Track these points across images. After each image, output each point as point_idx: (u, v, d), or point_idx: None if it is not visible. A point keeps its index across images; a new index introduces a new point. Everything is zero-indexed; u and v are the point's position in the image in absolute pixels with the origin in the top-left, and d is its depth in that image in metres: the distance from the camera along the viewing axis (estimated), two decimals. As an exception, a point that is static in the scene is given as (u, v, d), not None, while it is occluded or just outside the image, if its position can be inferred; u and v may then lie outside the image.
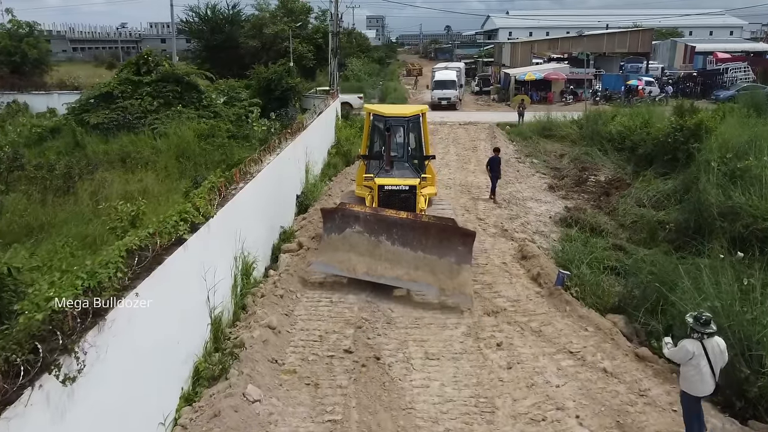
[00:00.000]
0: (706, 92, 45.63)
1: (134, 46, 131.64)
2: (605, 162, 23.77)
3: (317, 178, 19.16)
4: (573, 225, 16.04)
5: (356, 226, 11.62)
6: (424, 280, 10.93)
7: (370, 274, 11.14)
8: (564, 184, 21.13)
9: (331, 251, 11.56)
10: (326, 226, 12.02)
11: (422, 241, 11.28)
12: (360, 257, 11.33)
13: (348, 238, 11.58)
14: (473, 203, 17.54)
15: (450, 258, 11.07)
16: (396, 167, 13.38)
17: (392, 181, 12.85)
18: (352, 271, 11.22)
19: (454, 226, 11.53)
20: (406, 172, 13.42)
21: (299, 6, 54.15)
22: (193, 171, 18.70)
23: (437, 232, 11.28)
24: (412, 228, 11.40)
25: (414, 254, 11.21)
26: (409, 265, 11.08)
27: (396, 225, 11.47)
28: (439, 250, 11.14)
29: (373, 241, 11.46)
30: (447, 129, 31.68)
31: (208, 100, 23.40)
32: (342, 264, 11.33)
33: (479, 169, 22.22)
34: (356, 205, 12.30)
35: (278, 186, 13.78)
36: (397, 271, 11.07)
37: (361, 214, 11.73)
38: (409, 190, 12.72)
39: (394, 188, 12.72)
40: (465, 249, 11.21)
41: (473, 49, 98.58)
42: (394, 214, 11.60)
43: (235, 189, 10.36)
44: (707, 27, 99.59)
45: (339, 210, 12.01)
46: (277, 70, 28.67)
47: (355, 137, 25.59)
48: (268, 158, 13.06)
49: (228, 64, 51.37)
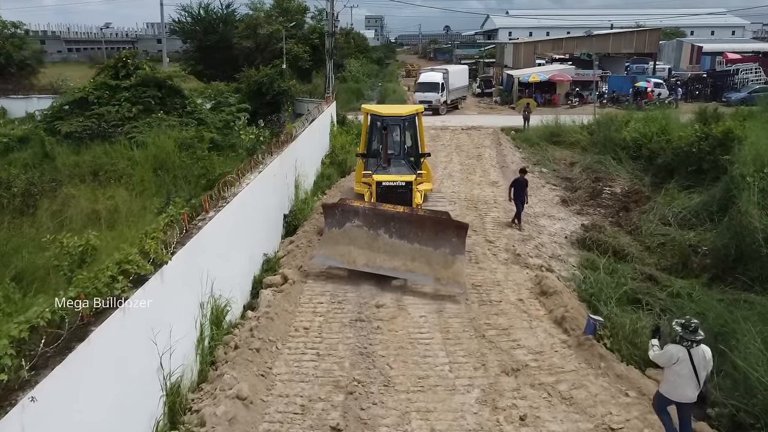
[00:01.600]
0: (717, 94, 43.97)
1: (131, 46, 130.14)
2: (620, 171, 22.07)
3: (309, 192, 17.46)
4: (593, 247, 14.38)
5: (356, 221, 12.07)
6: (420, 270, 11.36)
7: (370, 266, 11.53)
8: (578, 197, 19.43)
9: (332, 245, 11.96)
10: (327, 221, 12.42)
11: (418, 233, 11.74)
12: (360, 250, 11.75)
13: (348, 232, 12.01)
14: (480, 221, 15.83)
15: (444, 249, 11.51)
16: (393, 164, 14.47)
17: (389, 177, 13.84)
18: (353, 263, 11.60)
19: (448, 219, 12.00)
20: (402, 168, 14.50)
21: (295, 5, 52.42)
22: (172, 185, 17.01)
23: (432, 224, 11.75)
24: (409, 221, 11.87)
25: (411, 246, 11.67)
26: (406, 257, 11.54)
27: (393, 219, 11.93)
28: (434, 242, 11.59)
29: (371, 234, 11.91)
30: (449, 135, 29.99)
31: (192, 106, 21.66)
32: (343, 257, 11.74)
33: (485, 180, 20.52)
34: (356, 201, 13.13)
35: (261, 207, 12.10)
36: (395, 262, 11.52)
37: (360, 209, 12.23)
38: (406, 185, 13.68)
39: (391, 184, 13.65)
40: (459, 240, 11.63)
41: (473, 49, 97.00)
42: (392, 209, 12.11)
43: (204, 220, 8.67)
44: (709, 27, 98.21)
45: (339, 205, 12.54)
46: (268, 72, 26.92)
47: (351, 145, 23.91)
48: (249, 177, 11.35)
49: (221, 66, 49.69)
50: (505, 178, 20.78)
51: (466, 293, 10.83)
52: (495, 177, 20.87)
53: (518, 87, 43.64)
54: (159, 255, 6.69)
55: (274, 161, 13.24)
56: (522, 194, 15.28)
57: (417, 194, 14.17)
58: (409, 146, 15.74)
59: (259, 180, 11.74)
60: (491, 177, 20.86)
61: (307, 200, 16.13)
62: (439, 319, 9.85)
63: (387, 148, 14.44)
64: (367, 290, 11.00)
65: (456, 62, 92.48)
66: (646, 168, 21.43)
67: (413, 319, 9.87)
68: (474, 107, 45.06)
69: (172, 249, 7.22)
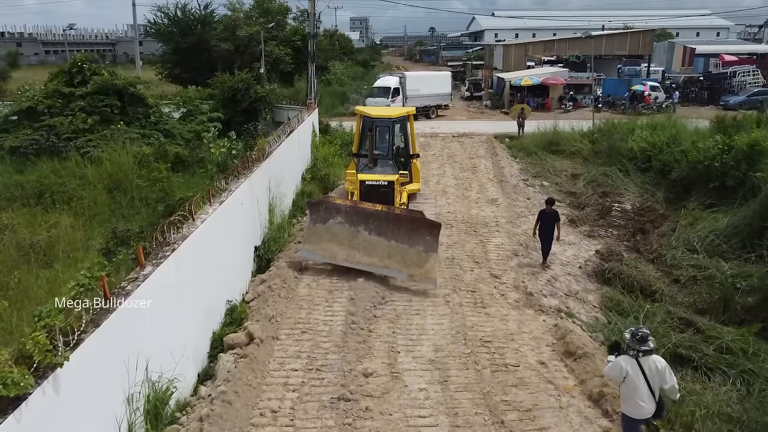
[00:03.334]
0: (713, 97, 42.55)
1: (110, 48, 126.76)
2: (628, 185, 20.26)
3: (285, 215, 15.37)
4: (614, 281, 12.46)
5: (338, 217, 12.51)
6: (395, 266, 11.83)
7: (349, 261, 12.05)
8: (586, 216, 17.54)
9: (316, 240, 12.49)
10: (312, 217, 12.87)
11: (395, 231, 12.16)
12: (340, 246, 12.27)
13: (330, 228, 12.48)
14: (482, 249, 13.83)
15: (419, 247, 11.91)
16: (379, 164, 15.05)
17: (373, 176, 14.42)
18: (333, 258, 12.18)
19: (422, 217, 12.41)
20: (387, 168, 15.02)
21: (276, 6, 50.16)
22: (128, 210, 14.81)
23: (407, 222, 12.19)
24: (386, 219, 12.31)
25: (387, 243, 12.10)
26: (383, 253, 12.02)
27: (372, 216, 12.39)
28: (409, 240, 12.00)
29: (352, 230, 12.36)
30: (440, 143, 28.02)
31: (157, 116, 19.42)
32: (325, 251, 12.28)
33: (483, 196, 18.54)
34: (338, 198, 13.72)
35: (225, 244, 9.99)
36: (372, 258, 11.98)
37: (342, 206, 12.69)
38: (388, 185, 14.24)
39: (374, 183, 14.23)
40: (432, 239, 12.02)
41: (459, 51, 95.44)
42: (371, 207, 12.62)
43: (136, 280, 6.57)
44: (694, 28, 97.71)
45: (323, 202, 13.09)
46: (244, 77, 24.69)
47: (335, 156, 21.83)
48: (207, 211, 9.24)
49: (200, 69, 47.21)
50: (504, 193, 18.84)
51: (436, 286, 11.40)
52: (494, 193, 18.90)
53: (509, 90, 41.83)
54: (46, 358, 4.58)
55: (241, 186, 11.14)
56: (550, 230, 12.94)
57: (401, 193, 14.88)
58: (399, 147, 16.32)
59: (221, 212, 9.65)
60: (489, 193, 18.89)
61: (283, 226, 14.04)
62: (444, 394, 7.80)
63: (373, 148, 15.12)
64: (352, 349, 8.93)
65: (442, 64, 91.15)
66: (657, 182, 19.63)
67: (411, 395, 7.81)
68: (464, 111, 43.18)
69: (76, 337, 5.11)
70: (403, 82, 36.80)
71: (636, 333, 6.36)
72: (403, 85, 36.61)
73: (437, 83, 39.81)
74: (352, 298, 10.74)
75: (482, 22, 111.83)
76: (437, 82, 40.02)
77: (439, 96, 39.40)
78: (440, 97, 39.57)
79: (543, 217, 12.98)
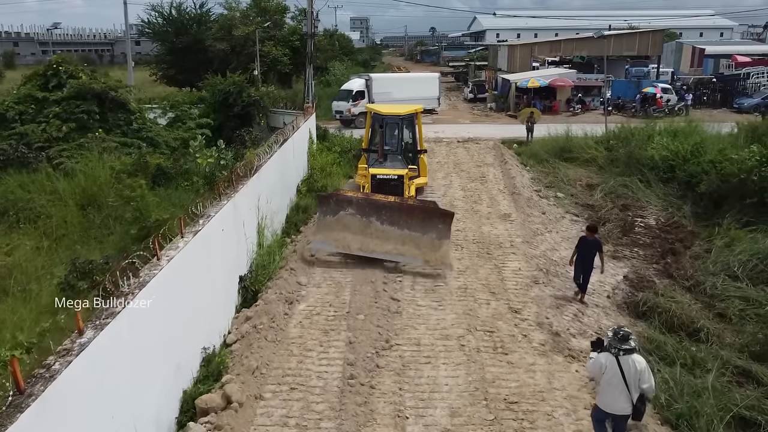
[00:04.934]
0: (726, 100, 40.98)
1: (109, 48, 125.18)
2: (650, 197, 18.72)
3: (277, 235, 13.85)
4: (650, 315, 10.92)
5: (349, 209, 12.80)
6: (410, 253, 12.23)
7: (363, 250, 12.36)
8: (608, 232, 15.99)
9: (326, 231, 12.75)
10: (321, 209, 13.14)
11: (407, 220, 12.55)
12: (353, 236, 12.56)
13: (341, 220, 12.75)
14: (498, 276, 12.28)
15: (432, 234, 12.35)
16: (389, 159, 15.84)
17: (383, 171, 15.22)
18: (347, 248, 12.46)
19: (435, 207, 12.98)
20: (397, 163, 15.80)
21: (273, 5, 48.62)
22: (102, 230, 13.28)
23: (420, 212, 12.63)
24: (399, 209, 12.71)
25: (401, 232, 12.47)
26: (397, 241, 12.36)
27: (384, 207, 12.74)
28: (422, 228, 12.40)
29: (364, 221, 12.66)
30: (444, 149, 26.46)
31: (140, 122, 17.86)
32: (338, 242, 12.54)
33: (494, 211, 16.99)
34: (350, 191, 14.12)
35: (199, 282, 8.46)
36: (387, 246, 12.36)
37: (354, 198, 13.00)
38: (398, 179, 14.97)
39: (385, 177, 14.99)
40: (444, 227, 12.47)
41: (461, 51, 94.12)
42: (383, 198, 13.07)
43: (67, 354, 5.04)
44: (697, 28, 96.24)
45: (333, 195, 13.32)
46: (236, 80, 23.11)
47: (334, 165, 20.29)
48: (176, 246, 7.71)
49: (195, 70, 45.74)
50: (517, 207, 17.30)
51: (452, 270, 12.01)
52: (506, 207, 17.35)
53: (515, 92, 40.28)
54: None
55: (223, 210, 9.61)
56: (591, 260, 11.26)
57: (410, 187, 15.37)
58: (407, 143, 17.01)
59: (196, 243, 8.13)
60: (501, 207, 17.34)
61: (274, 249, 12.49)
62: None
63: (383, 144, 15.87)
64: (351, 414, 7.39)
65: (444, 64, 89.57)
66: (682, 194, 18.08)
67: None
68: (467, 114, 41.64)
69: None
70: (369, 85, 34.35)
71: (618, 332, 6.49)
72: (369, 88, 34.16)
73: (420, 86, 37.08)
74: (350, 341, 9.21)
75: (484, 22, 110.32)
76: (420, 85, 37.38)
77: (423, 100, 35.57)
78: (425, 101, 36.08)
79: (583, 245, 11.38)
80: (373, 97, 33.27)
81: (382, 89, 34.37)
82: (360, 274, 12.08)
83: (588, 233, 11.55)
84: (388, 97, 33.15)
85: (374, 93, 33.80)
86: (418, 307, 10.66)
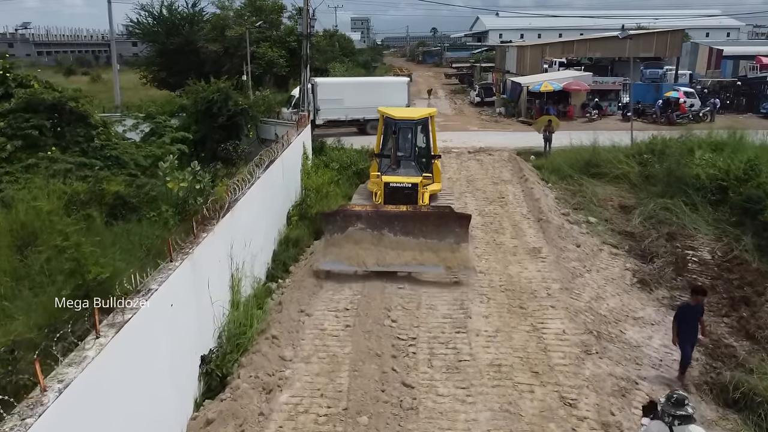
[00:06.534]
0: (752, 104, 38.31)
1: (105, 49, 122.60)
2: (697, 223, 16.11)
3: (260, 282, 11.22)
4: (743, 404, 8.28)
5: (358, 224, 12.41)
6: (430, 261, 11.93)
7: (380, 264, 11.92)
8: (657, 270, 13.39)
9: (337, 249, 12.16)
10: (327, 228, 12.66)
11: (422, 228, 12.31)
12: (367, 251, 12.05)
13: (351, 235, 12.29)
14: (538, 344, 9.59)
15: (449, 239, 12.19)
16: (402, 165, 15.09)
17: (397, 178, 14.54)
18: (362, 264, 11.94)
19: (450, 211, 12.78)
20: (410, 170, 15.05)
21: (269, 4, 45.95)
22: (43, 277, 10.61)
23: (435, 218, 12.46)
24: (413, 218, 12.48)
25: (417, 241, 12.19)
26: (414, 251, 12.05)
27: (397, 218, 12.50)
28: (438, 235, 12.24)
29: (376, 234, 12.31)
30: (455, 162, 23.81)
31: (103, 138, 15.23)
32: (351, 259, 11.99)
33: (521, 243, 14.33)
34: (357, 205, 13.84)
35: (128, 394, 5.83)
36: (405, 257, 12.01)
37: (362, 213, 12.68)
38: (412, 187, 14.36)
39: (398, 185, 14.36)
40: (462, 230, 12.42)
41: (464, 51, 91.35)
42: (394, 208, 12.80)
43: None
44: (704, 28, 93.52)
45: (339, 212, 12.89)
46: (221, 86, 20.43)
47: (330, 185, 17.63)
48: (81, 356, 5.09)
49: (187, 72, 42.92)
50: (547, 238, 14.63)
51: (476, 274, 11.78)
52: (534, 238, 14.70)
53: (527, 97, 37.61)
54: None
55: (174, 277, 7.00)
56: (695, 329, 8.81)
57: (424, 195, 14.65)
58: (421, 148, 16.15)
59: (118, 343, 5.51)
60: (528, 238, 14.68)
61: (251, 308, 9.83)
62: None
63: (396, 150, 15.11)
64: None
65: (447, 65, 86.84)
66: (739, 221, 15.45)
67: None
68: (475, 119, 39.01)
69: None
70: (315, 91, 28.97)
71: (671, 395, 5.58)
72: (314, 94, 28.95)
73: (383, 93, 30.74)
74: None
75: (486, 22, 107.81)
76: (383, 92, 31.00)
77: None
78: None
79: (685, 312, 8.74)
80: (318, 105, 28.93)
81: (330, 96, 28.86)
82: (362, 340, 9.46)
83: (693, 297, 8.84)
84: (338, 105, 28.81)
85: (319, 100, 28.95)
86: (439, 397, 8.02)
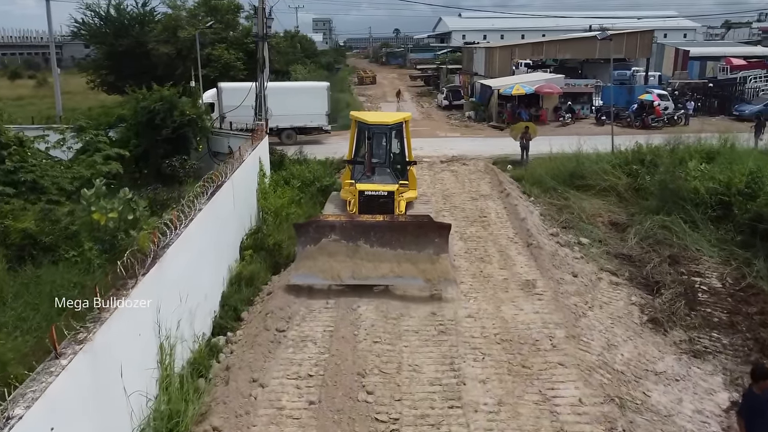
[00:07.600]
0: (724, 107, 37.70)
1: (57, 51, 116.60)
2: (700, 243, 14.59)
3: (204, 340, 9.04)
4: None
5: (332, 235, 11.83)
6: (408, 273, 11.37)
7: (356, 277, 11.36)
8: (670, 307, 11.68)
9: (310, 262, 11.61)
10: (300, 240, 12.04)
11: (400, 239, 11.73)
12: (342, 264, 11.51)
13: (325, 247, 11.73)
14: (553, 423, 7.67)
15: (428, 250, 11.61)
16: (377, 173, 14.69)
17: (372, 186, 14.02)
18: (336, 278, 11.38)
19: (430, 221, 12.19)
20: (386, 177, 14.63)
21: (225, 4, 43.33)
22: None
23: (413, 228, 11.89)
24: (390, 228, 11.92)
25: (394, 252, 11.62)
26: (392, 263, 11.48)
27: (373, 228, 11.88)
28: (417, 245, 11.67)
29: (351, 246, 11.73)
30: (427, 174, 21.90)
31: (15, 160, 12.79)
32: (324, 273, 11.43)
33: (511, 275, 12.46)
34: (330, 215, 13.29)
35: None
36: (382, 270, 11.43)
37: (336, 223, 12.10)
38: (388, 195, 13.82)
39: (374, 193, 13.80)
40: (441, 240, 11.80)
41: (428, 53, 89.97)
42: (370, 218, 12.21)
43: None
44: (661, 29, 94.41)
45: (312, 222, 12.36)
46: (164, 95, 18.00)
47: (291, 206, 15.50)
48: None
49: (138, 76, 39.99)
50: (540, 267, 12.79)
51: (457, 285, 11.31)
52: (525, 267, 12.86)
53: (498, 101, 36.09)
54: None
55: (59, 382, 4.82)
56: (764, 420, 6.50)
57: (400, 203, 14.19)
58: (395, 154, 15.66)
59: None
60: (519, 268, 12.82)
61: (186, 385, 7.65)
62: None
63: (371, 157, 14.65)
64: None
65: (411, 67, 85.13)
66: (747, 242, 13.96)
67: None
68: (444, 124, 37.40)
69: None
70: (220, 97, 27.68)
71: None
72: (220, 100, 27.64)
73: (298, 99, 28.81)
74: None
75: (449, 23, 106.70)
76: (298, 98, 28.93)
77: (302, 116, 28.97)
78: (305, 117, 29.12)
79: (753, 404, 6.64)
80: (224, 110, 26.79)
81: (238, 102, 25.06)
82: (330, 425, 7.40)
83: (753, 383, 6.73)
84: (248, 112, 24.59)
85: (224, 105, 26.99)
86: None
